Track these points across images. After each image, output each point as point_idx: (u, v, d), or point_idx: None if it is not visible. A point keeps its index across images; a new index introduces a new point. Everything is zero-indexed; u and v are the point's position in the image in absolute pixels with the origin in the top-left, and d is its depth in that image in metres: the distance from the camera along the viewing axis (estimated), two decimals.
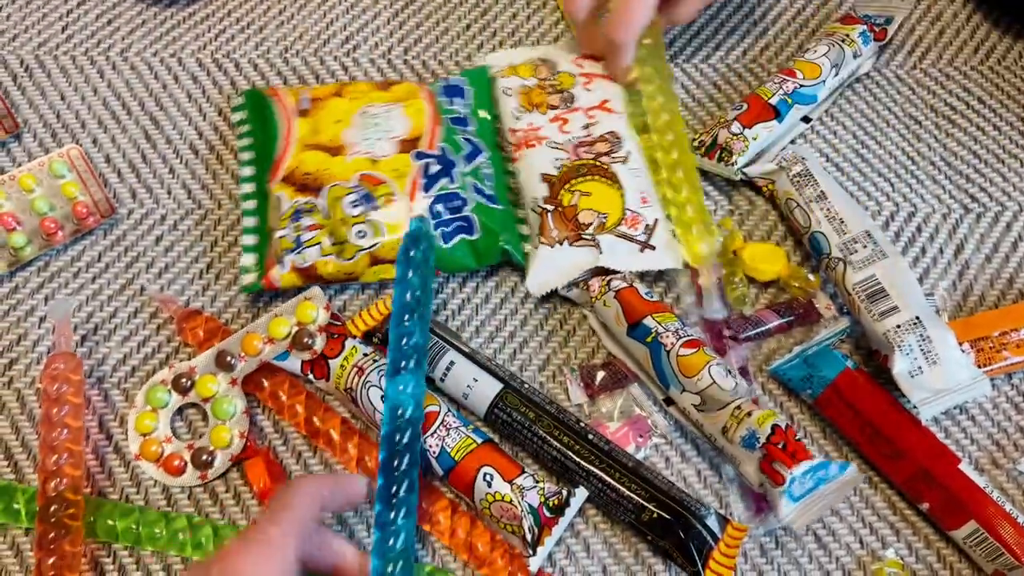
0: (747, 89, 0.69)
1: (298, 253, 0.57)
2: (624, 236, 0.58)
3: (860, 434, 0.54)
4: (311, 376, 0.56)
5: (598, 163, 0.61)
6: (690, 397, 0.53)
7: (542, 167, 0.60)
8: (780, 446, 0.51)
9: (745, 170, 0.63)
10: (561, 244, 0.58)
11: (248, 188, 0.61)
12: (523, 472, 0.52)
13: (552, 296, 0.60)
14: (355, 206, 0.57)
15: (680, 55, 0.71)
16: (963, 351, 0.55)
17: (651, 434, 0.56)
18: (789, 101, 0.64)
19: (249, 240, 0.59)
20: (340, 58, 0.69)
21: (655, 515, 0.51)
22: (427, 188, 0.58)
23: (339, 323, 0.57)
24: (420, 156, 0.60)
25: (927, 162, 0.67)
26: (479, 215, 0.59)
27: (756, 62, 0.71)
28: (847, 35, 0.67)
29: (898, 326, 0.54)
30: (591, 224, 0.58)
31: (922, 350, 0.54)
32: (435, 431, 0.53)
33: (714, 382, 0.52)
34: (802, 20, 0.73)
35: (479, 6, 0.72)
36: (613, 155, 0.61)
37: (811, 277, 0.60)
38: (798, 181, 0.61)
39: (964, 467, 0.53)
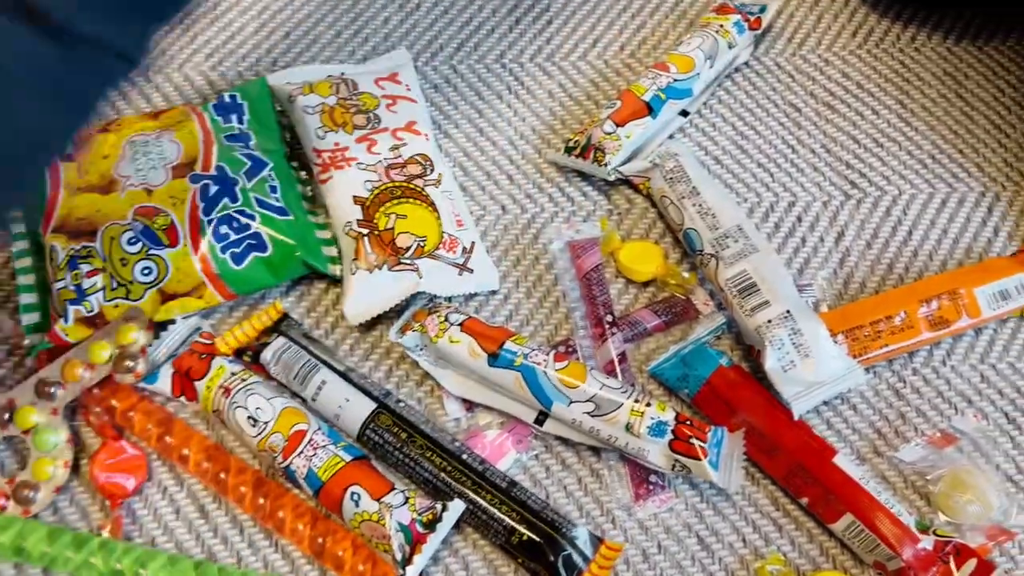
0: (625, 85, 0.69)
1: (81, 303, 0.55)
2: (443, 260, 0.58)
3: (737, 431, 0.55)
4: (183, 399, 0.55)
5: (412, 186, 0.60)
6: (581, 406, 0.53)
7: (353, 189, 0.59)
8: (688, 424, 0.52)
9: (620, 169, 0.63)
10: (380, 269, 0.57)
11: (21, 245, 0.59)
12: (393, 489, 0.51)
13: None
14: (133, 243, 0.56)
15: (557, 53, 0.70)
16: (835, 342, 0.55)
17: (530, 438, 0.56)
18: (662, 96, 0.64)
19: (27, 299, 0.57)
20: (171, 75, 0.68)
21: (525, 537, 0.51)
22: (207, 211, 0.57)
23: (208, 342, 0.56)
24: (196, 179, 0.58)
25: (807, 150, 0.67)
26: (269, 229, 0.58)
27: (634, 56, 0.71)
28: (721, 25, 0.68)
29: (769, 320, 0.55)
30: (409, 248, 0.58)
31: (793, 344, 0.54)
32: (302, 451, 0.52)
33: (603, 385, 0.53)
34: (680, 11, 0.73)
35: (274, 19, 0.71)
36: (426, 178, 0.61)
37: (686, 275, 0.60)
38: (671, 177, 0.61)
39: (839, 460, 0.53)
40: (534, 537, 0.51)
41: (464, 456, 0.53)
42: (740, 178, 0.66)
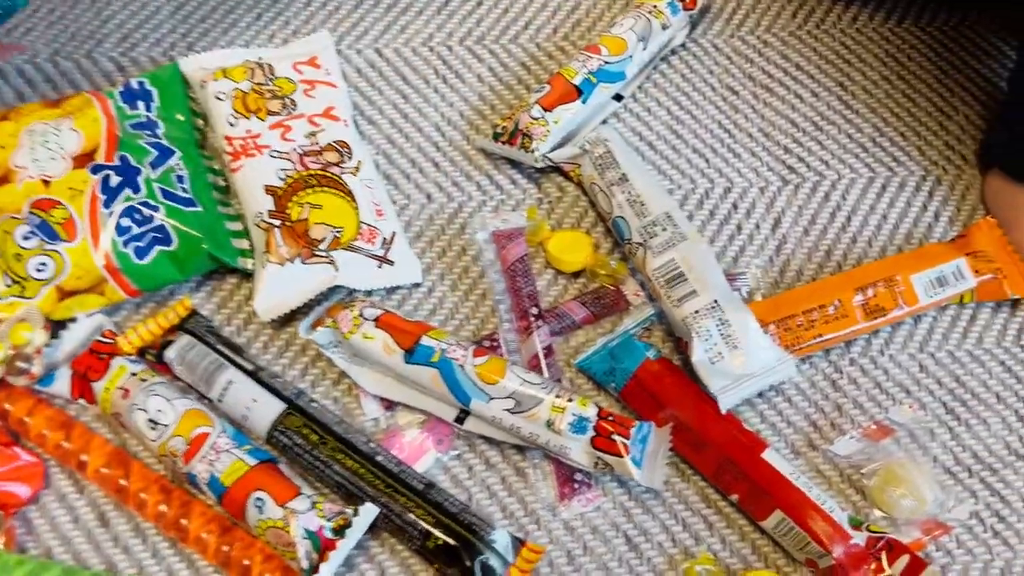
0: (557, 69, 0.66)
1: None
2: (361, 252, 0.56)
3: (664, 426, 0.53)
4: (82, 401, 0.52)
5: (328, 174, 0.58)
6: (500, 403, 0.51)
7: (264, 178, 0.57)
8: (611, 419, 0.50)
9: (549, 155, 0.61)
10: (292, 262, 0.55)
11: None
12: (299, 494, 0.49)
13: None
14: (28, 238, 0.53)
15: (487, 35, 0.68)
16: (766, 332, 0.53)
17: (452, 437, 0.54)
18: (593, 80, 0.62)
19: None
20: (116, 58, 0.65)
21: (441, 542, 0.49)
22: (108, 204, 0.55)
23: (109, 341, 0.54)
24: (97, 169, 0.56)
25: (744, 134, 0.65)
26: (174, 221, 0.55)
27: (567, 39, 0.68)
28: (655, 6, 0.66)
29: (696, 311, 0.53)
30: (324, 240, 0.55)
31: (721, 335, 0.52)
32: (204, 455, 0.50)
33: (523, 381, 0.51)
34: None
35: (191, 1, 0.69)
36: (343, 166, 0.58)
37: (613, 264, 0.58)
38: (600, 164, 0.59)
39: (769, 454, 0.51)
40: (450, 541, 0.49)
41: (378, 458, 0.51)
42: (675, 164, 0.64)
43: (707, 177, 0.63)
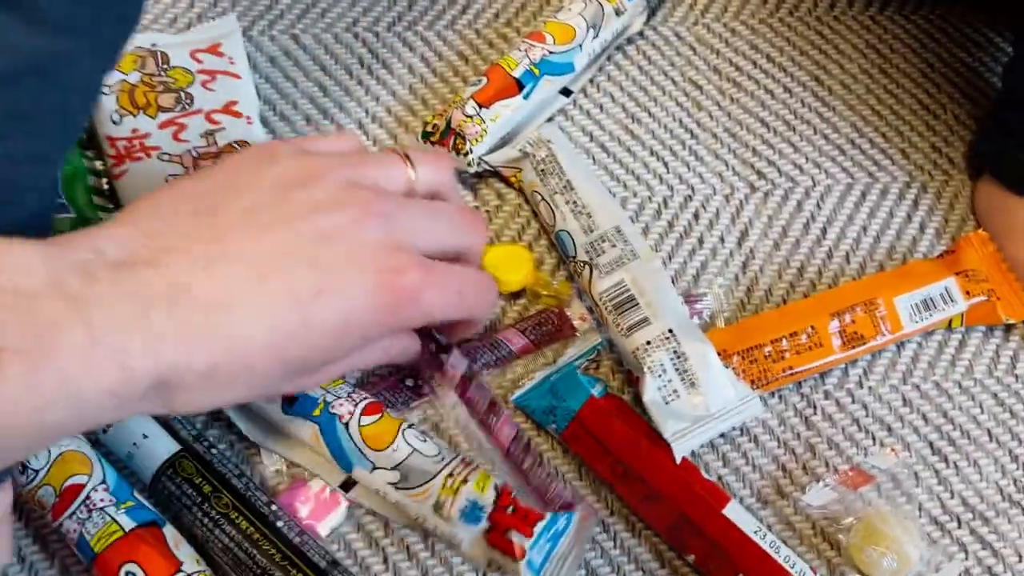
0: (497, 57, 0.59)
1: None
2: None
3: (612, 474, 0.46)
4: None
5: None
6: (385, 475, 0.43)
7: (152, 184, 0.49)
8: (509, 511, 0.42)
9: (487, 158, 0.54)
10: None
11: None
12: (179, 571, 0.42)
13: None
14: None
15: (420, 20, 0.61)
16: (728, 366, 0.47)
17: None
18: (536, 72, 0.55)
19: None
20: None
21: None
22: None
23: None
24: None
25: (708, 134, 0.58)
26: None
27: (511, 25, 0.61)
28: None
29: (648, 342, 0.46)
30: None
31: (677, 369, 0.45)
32: (75, 511, 0.42)
33: (414, 450, 0.43)
34: None
35: None
36: None
37: (556, 284, 0.51)
38: (543, 169, 0.52)
39: (730, 509, 0.45)
40: None
41: (279, 523, 0.43)
42: (630, 168, 0.57)
43: (666, 183, 0.56)
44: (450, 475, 0.43)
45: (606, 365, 0.51)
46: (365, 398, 0.45)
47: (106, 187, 0.52)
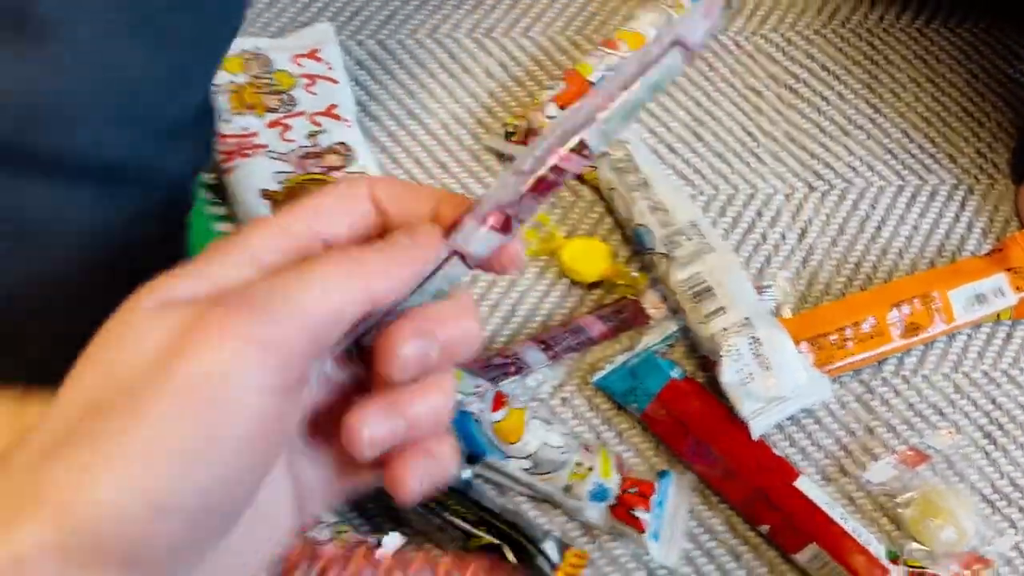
0: (570, 65, 0.63)
1: None
2: None
3: (691, 451, 0.50)
4: None
5: (328, 180, 0.54)
6: (518, 463, 0.47)
7: (261, 181, 0.53)
8: (634, 492, 0.47)
9: None
10: None
11: None
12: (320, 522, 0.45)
13: None
14: None
15: (496, 27, 0.65)
16: (800, 351, 0.50)
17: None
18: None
19: None
20: None
21: (484, 541, 0.45)
22: None
23: None
24: None
25: (768, 137, 0.62)
26: None
27: (581, 34, 0.65)
28: (675, 1, 0.62)
29: (725, 328, 0.50)
30: None
31: (753, 354, 0.49)
32: None
33: (543, 443, 0.47)
34: None
35: None
36: (346, 170, 0.54)
37: (636, 275, 0.55)
38: (620, 167, 0.56)
39: (801, 483, 0.48)
40: (495, 540, 0.45)
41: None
42: (695, 168, 0.60)
43: (730, 183, 0.60)
44: (579, 463, 0.47)
45: (679, 351, 0.54)
46: (489, 389, 0.48)
47: (214, 180, 0.56)
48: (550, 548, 0.46)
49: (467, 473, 0.49)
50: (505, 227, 0.27)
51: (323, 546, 0.43)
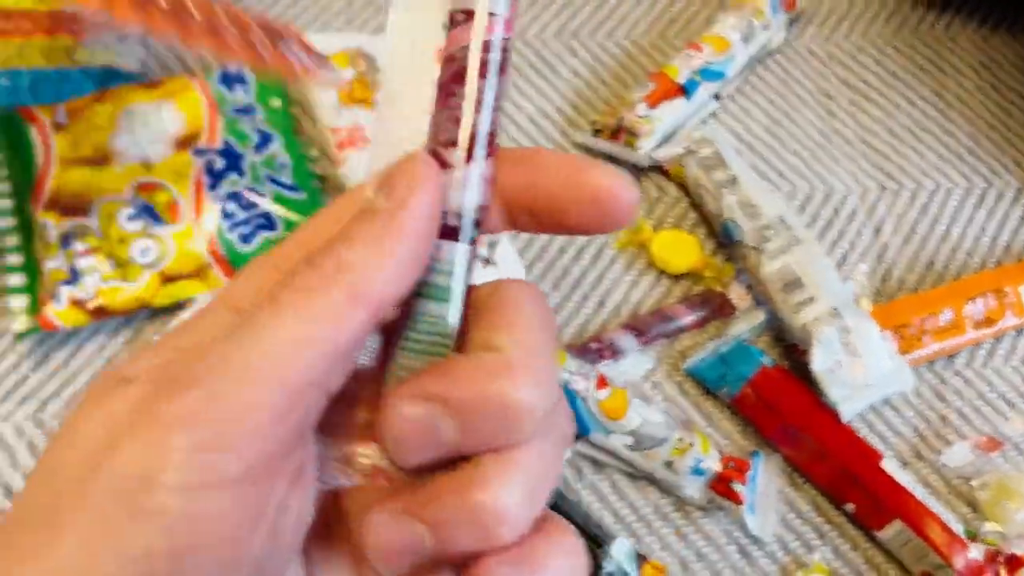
0: (653, 66, 0.66)
1: (76, 284, 0.51)
2: None
3: (780, 434, 0.53)
4: None
5: None
6: (621, 439, 0.50)
7: (371, 171, 0.56)
8: (731, 467, 0.50)
9: (652, 154, 0.61)
10: None
11: (6, 222, 0.54)
12: None
13: None
14: (132, 220, 0.52)
15: (581, 31, 0.67)
16: (885, 339, 0.53)
17: None
18: (697, 78, 0.62)
19: (15, 280, 0.52)
20: None
21: None
22: (213, 187, 0.54)
23: None
24: (200, 152, 0.55)
25: (842, 139, 0.65)
26: (280, 207, 0.55)
27: (663, 37, 0.68)
28: (755, 6, 0.65)
29: (816, 317, 0.53)
30: None
31: (842, 342, 0.52)
32: None
33: (644, 420, 0.50)
34: None
35: None
36: None
37: (723, 267, 0.58)
38: (708, 165, 0.59)
39: (886, 464, 0.51)
40: None
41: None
42: (774, 167, 0.63)
43: (807, 181, 0.63)
44: (679, 439, 0.50)
45: (763, 340, 0.57)
46: (592, 371, 0.51)
47: (319, 172, 0.59)
48: (626, 557, 0.48)
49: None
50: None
51: None
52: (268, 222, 0.54)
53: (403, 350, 0.21)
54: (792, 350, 0.55)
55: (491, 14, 0.21)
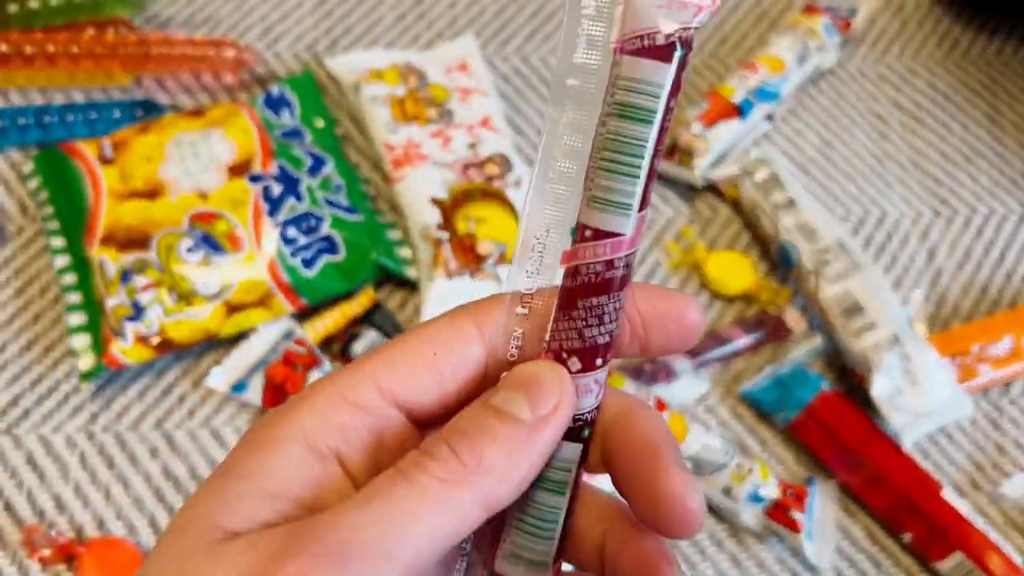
0: (705, 86, 0.65)
1: (139, 319, 0.50)
2: None
3: (838, 460, 0.52)
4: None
5: (492, 188, 0.55)
6: None
7: (430, 189, 0.55)
8: (788, 493, 0.49)
9: (707, 174, 0.60)
10: (460, 276, 0.53)
11: (62, 261, 0.53)
12: None
13: None
14: (192, 251, 0.52)
15: None
16: (943, 366, 0.52)
17: None
18: (752, 99, 0.61)
19: (76, 319, 0.52)
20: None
21: None
22: (272, 213, 0.53)
23: (302, 350, 0.51)
24: (256, 179, 0.54)
25: (894, 163, 0.64)
26: (340, 231, 0.54)
27: (715, 56, 0.67)
28: (810, 27, 0.64)
29: (876, 344, 0.52)
30: (491, 255, 0.53)
31: (902, 369, 0.51)
32: None
33: (704, 445, 0.49)
34: (761, 10, 0.70)
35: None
36: (506, 179, 0.56)
37: (778, 290, 0.57)
38: (764, 187, 0.58)
39: (947, 494, 0.50)
40: None
41: None
42: (828, 189, 0.62)
43: (861, 204, 0.62)
44: (738, 465, 0.49)
45: (817, 364, 0.56)
46: (649, 394, 0.50)
47: (371, 192, 0.58)
48: None
49: None
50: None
51: None
52: (330, 246, 0.54)
53: (517, 531, 0.24)
54: (848, 375, 0.54)
55: (618, 234, 0.22)
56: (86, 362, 0.51)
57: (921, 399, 0.51)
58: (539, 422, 0.21)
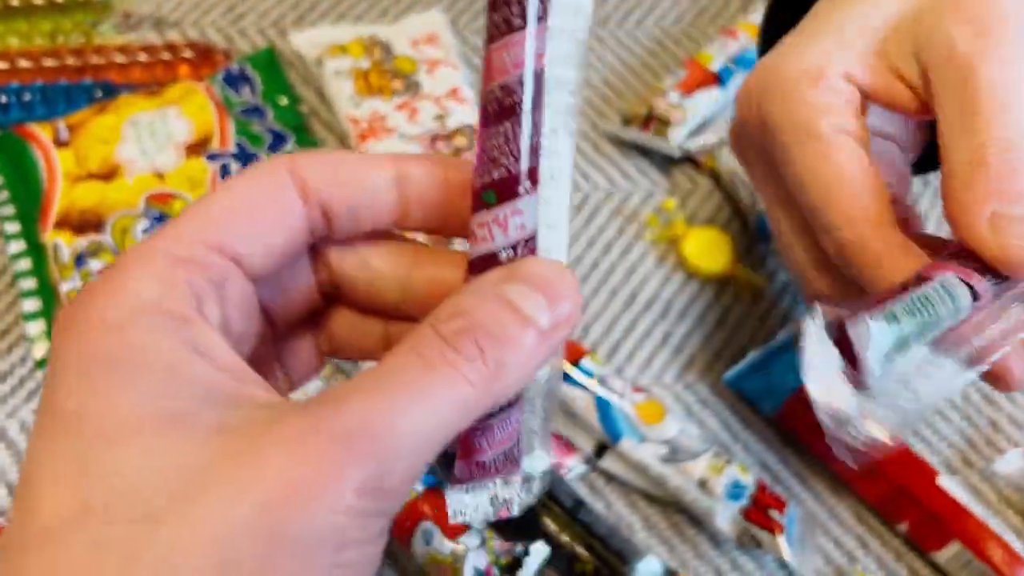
0: (685, 55, 0.58)
1: None
2: None
3: (827, 449, 0.45)
4: None
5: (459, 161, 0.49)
6: (654, 448, 0.42)
7: None
8: (767, 491, 0.43)
9: (684, 144, 0.53)
10: None
11: (17, 247, 0.48)
12: (470, 527, 0.41)
13: None
14: (148, 233, 0.45)
15: (611, 19, 0.60)
16: None
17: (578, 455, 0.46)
18: (732, 66, 0.54)
19: (31, 305, 0.46)
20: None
21: (591, 567, 0.41)
22: None
23: None
24: (213, 157, 0.48)
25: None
26: None
27: (694, 25, 0.60)
28: None
29: None
30: None
31: None
32: None
33: (682, 429, 0.43)
34: None
35: None
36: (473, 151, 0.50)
37: (755, 275, 0.50)
38: None
39: (943, 481, 0.44)
40: (603, 567, 0.41)
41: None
42: None
43: None
44: (716, 455, 0.42)
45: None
46: (631, 378, 0.44)
47: None
48: (652, 574, 0.41)
49: (581, 469, 0.45)
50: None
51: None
52: None
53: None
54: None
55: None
56: (40, 349, 0.45)
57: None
58: (551, 330, 0.20)
